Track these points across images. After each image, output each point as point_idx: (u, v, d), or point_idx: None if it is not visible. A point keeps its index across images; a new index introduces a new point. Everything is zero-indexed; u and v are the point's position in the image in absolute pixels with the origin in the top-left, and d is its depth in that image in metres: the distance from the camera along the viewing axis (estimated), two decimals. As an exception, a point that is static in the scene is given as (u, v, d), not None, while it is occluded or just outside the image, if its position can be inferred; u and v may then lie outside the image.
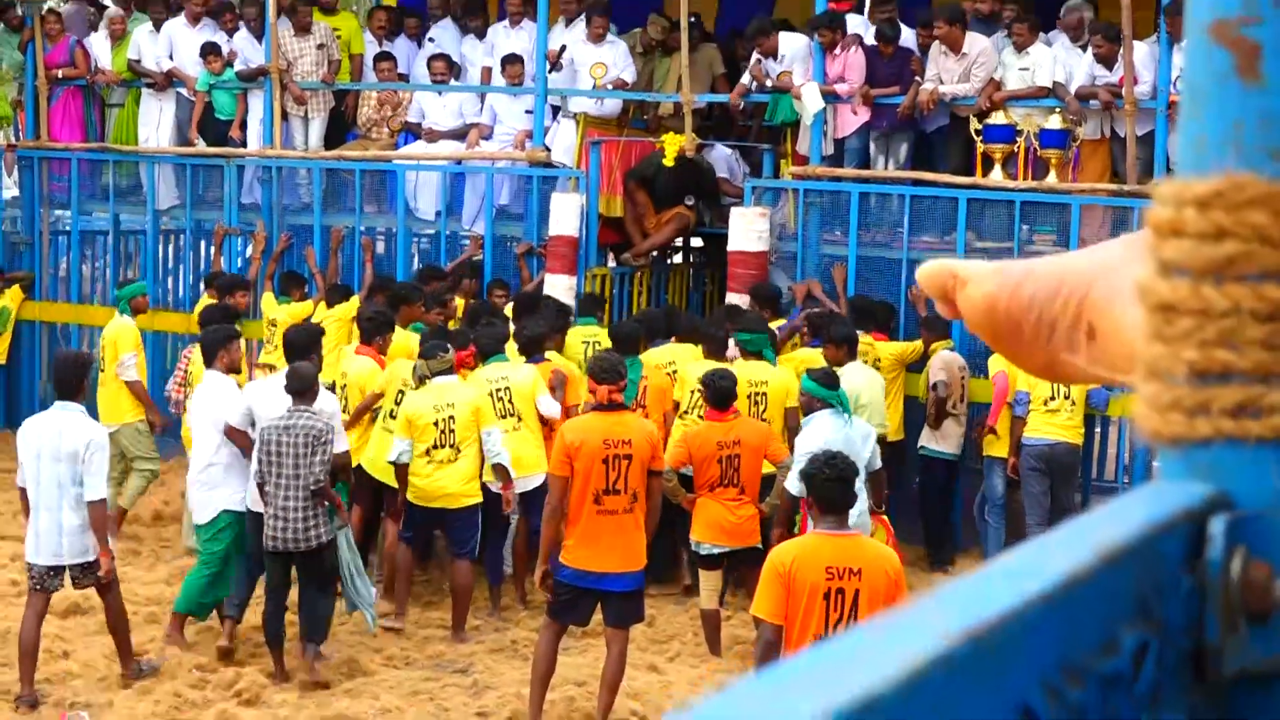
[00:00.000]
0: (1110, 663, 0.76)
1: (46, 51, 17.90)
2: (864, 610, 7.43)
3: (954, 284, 1.20)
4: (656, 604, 11.85)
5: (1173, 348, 0.96)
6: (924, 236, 14.40)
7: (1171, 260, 0.96)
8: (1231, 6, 0.94)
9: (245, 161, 17.02)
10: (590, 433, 9.56)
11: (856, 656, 0.59)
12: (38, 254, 18.18)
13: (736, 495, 10.98)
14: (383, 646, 11.29)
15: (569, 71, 16.17)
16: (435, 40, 17.49)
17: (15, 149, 18.34)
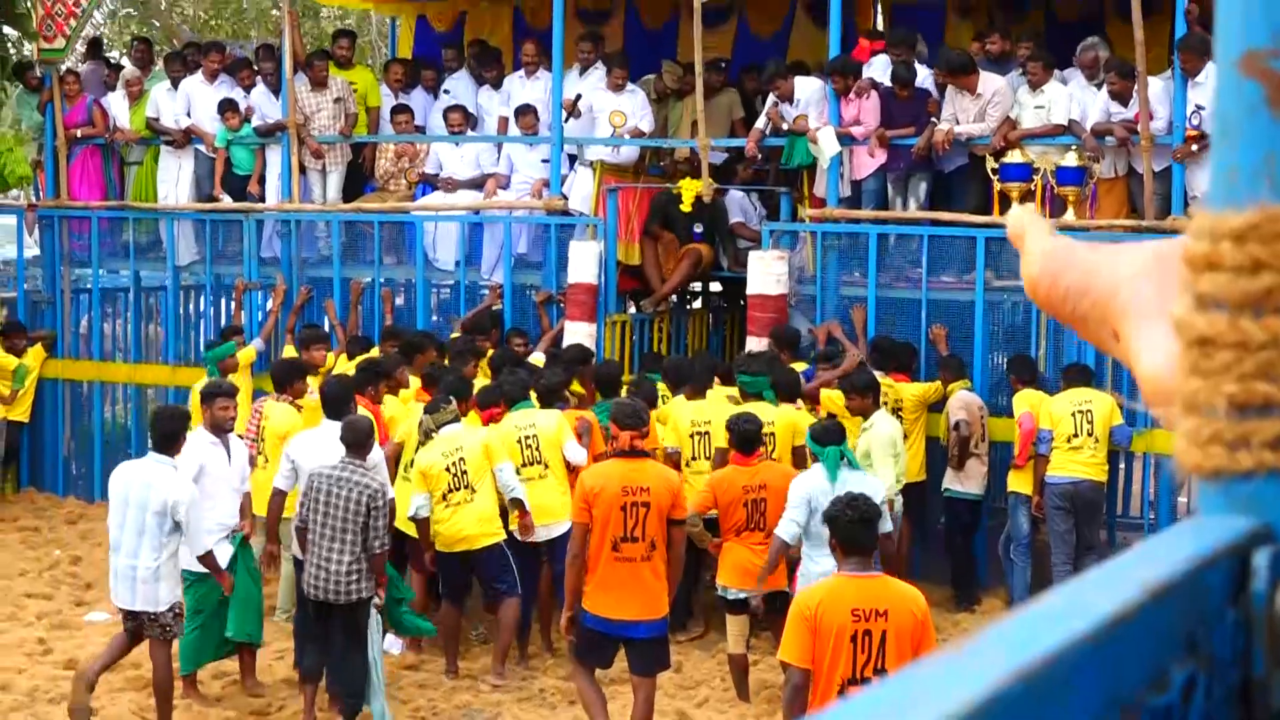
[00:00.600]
0: (1161, 698, 0.75)
1: (65, 111, 17.99)
2: (891, 652, 7.39)
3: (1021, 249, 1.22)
4: (683, 650, 11.84)
5: (1212, 381, 0.95)
6: (943, 276, 14.39)
7: (1208, 294, 0.96)
8: (1261, 39, 0.93)
9: (264, 216, 17.07)
10: (609, 479, 9.54)
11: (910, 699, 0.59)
12: (59, 312, 18.23)
13: (762, 539, 10.92)
14: (410, 698, 11.27)
15: (587, 119, 16.22)
16: (451, 92, 17.55)
17: (36, 208, 18.41)
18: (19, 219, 19.03)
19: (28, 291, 18.51)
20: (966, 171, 14.91)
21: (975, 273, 14.09)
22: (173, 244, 17.56)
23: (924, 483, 13.72)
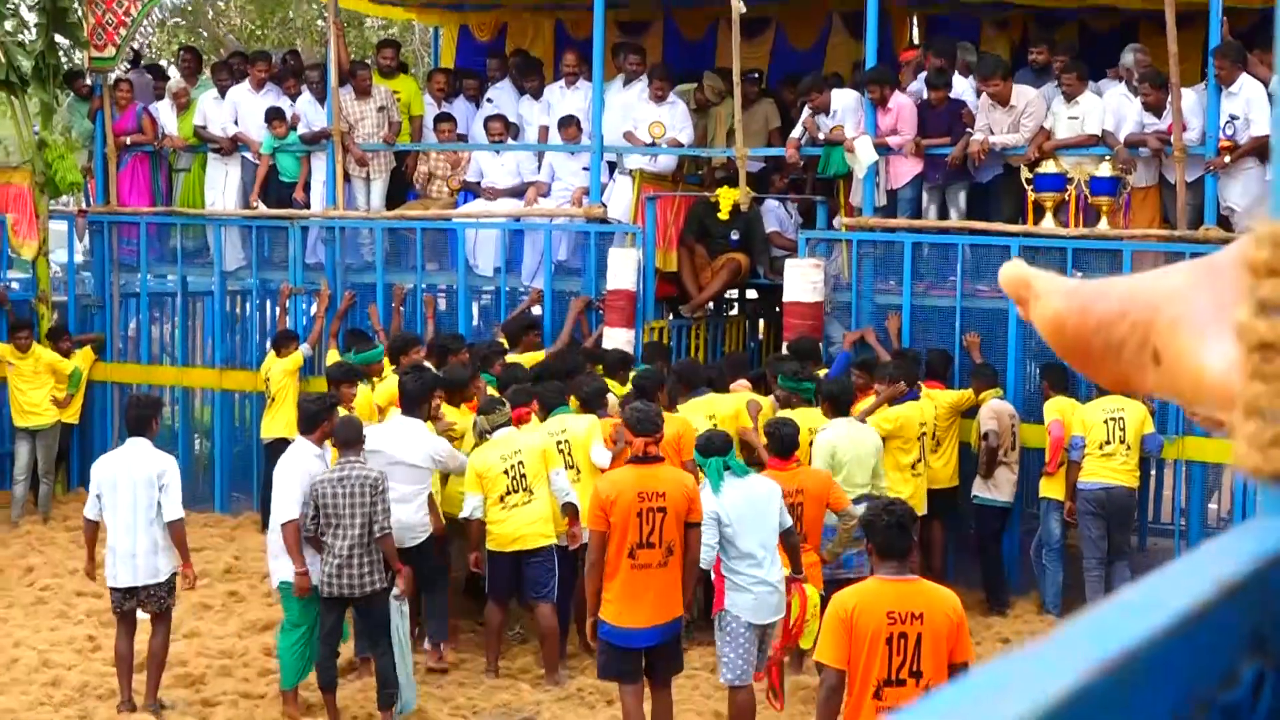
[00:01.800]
0: (1232, 694, 0.76)
1: (115, 119, 18.08)
2: (926, 653, 7.37)
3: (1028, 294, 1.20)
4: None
5: (1273, 386, 0.96)
6: (978, 285, 14.35)
7: (1270, 299, 0.96)
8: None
9: (309, 222, 17.12)
10: (624, 486, 9.50)
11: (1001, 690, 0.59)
12: (108, 316, 18.32)
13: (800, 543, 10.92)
14: (451, 696, 11.29)
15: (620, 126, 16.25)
16: (493, 101, 17.60)
17: (86, 214, 18.50)
18: (69, 224, 19.14)
19: (77, 295, 18.62)
20: (1001, 181, 14.90)
21: (1009, 281, 14.03)
22: (219, 250, 17.63)
23: (956, 488, 13.71)
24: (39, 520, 16.45)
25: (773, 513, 9.83)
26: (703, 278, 15.96)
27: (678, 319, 16.40)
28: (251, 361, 17.13)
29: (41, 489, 16.66)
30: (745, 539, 9.62)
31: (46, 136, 18.04)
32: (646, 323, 15.39)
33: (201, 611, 13.11)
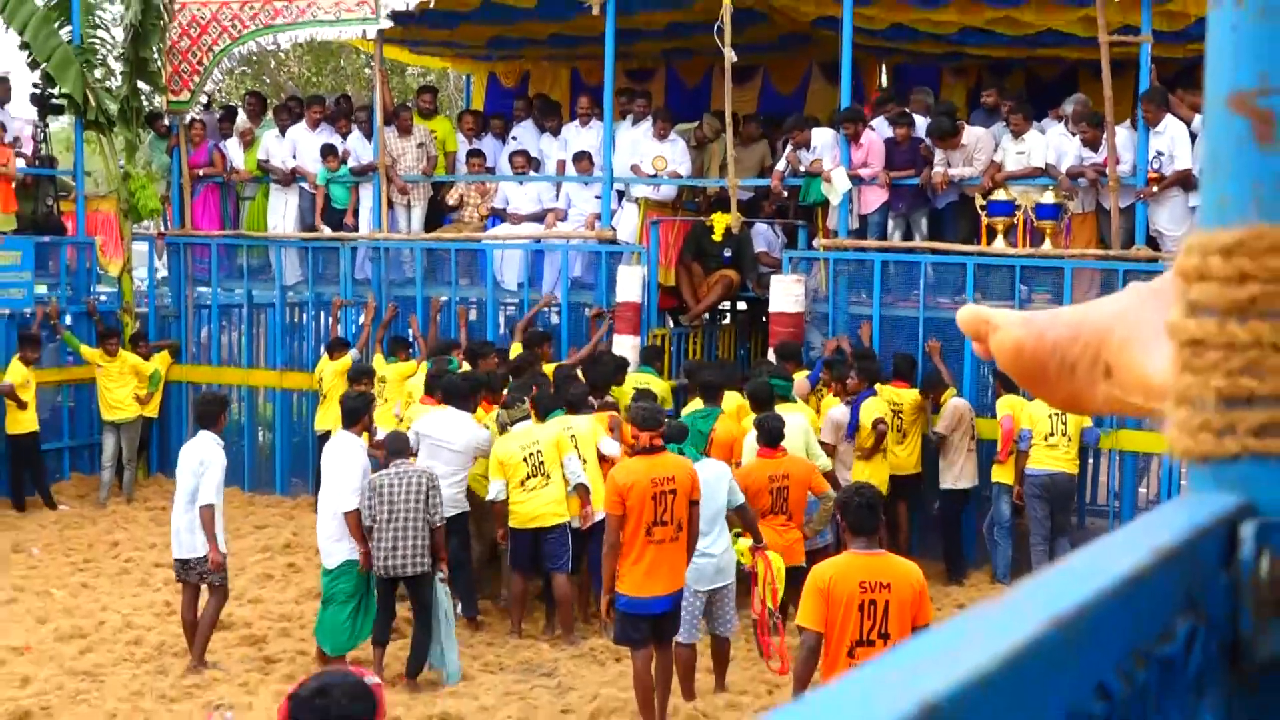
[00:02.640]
0: (1167, 648, 0.74)
1: (189, 154, 18.13)
2: (893, 618, 7.36)
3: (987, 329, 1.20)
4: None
5: (1202, 377, 0.95)
6: (938, 298, 14.38)
7: (1199, 301, 0.95)
8: (1248, 80, 0.92)
9: (357, 244, 17.14)
10: (639, 474, 9.45)
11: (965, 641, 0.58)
12: (184, 324, 18.36)
13: (785, 521, 10.94)
14: (480, 654, 11.31)
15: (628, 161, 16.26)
16: (517, 138, 17.61)
17: (165, 237, 18.55)
18: (150, 245, 19.19)
19: (157, 307, 18.66)
20: (957, 208, 14.93)
21: (965, 294, 14.05)
22: (280, 267, 17.68)
23: (920, 474, 13.71)
24: (123, 501, 16.55)
25: (720, 493, 9.89)
26: (700, 291, 15.97)
27: (678, 327, 16.44)
28: (308, 364, 17.15)
29: (125, 475, 16.73)
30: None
31: (130, 169, 18.06)
32: (651, 330, 15.42)
33: (264, 581, 13.13)
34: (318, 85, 31.80)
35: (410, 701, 10.15)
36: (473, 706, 10.05)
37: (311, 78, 33.02)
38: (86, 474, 17.27)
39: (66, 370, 17.31)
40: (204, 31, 17.89)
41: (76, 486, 17.04)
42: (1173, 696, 0.76)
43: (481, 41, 19.94)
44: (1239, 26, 0.93)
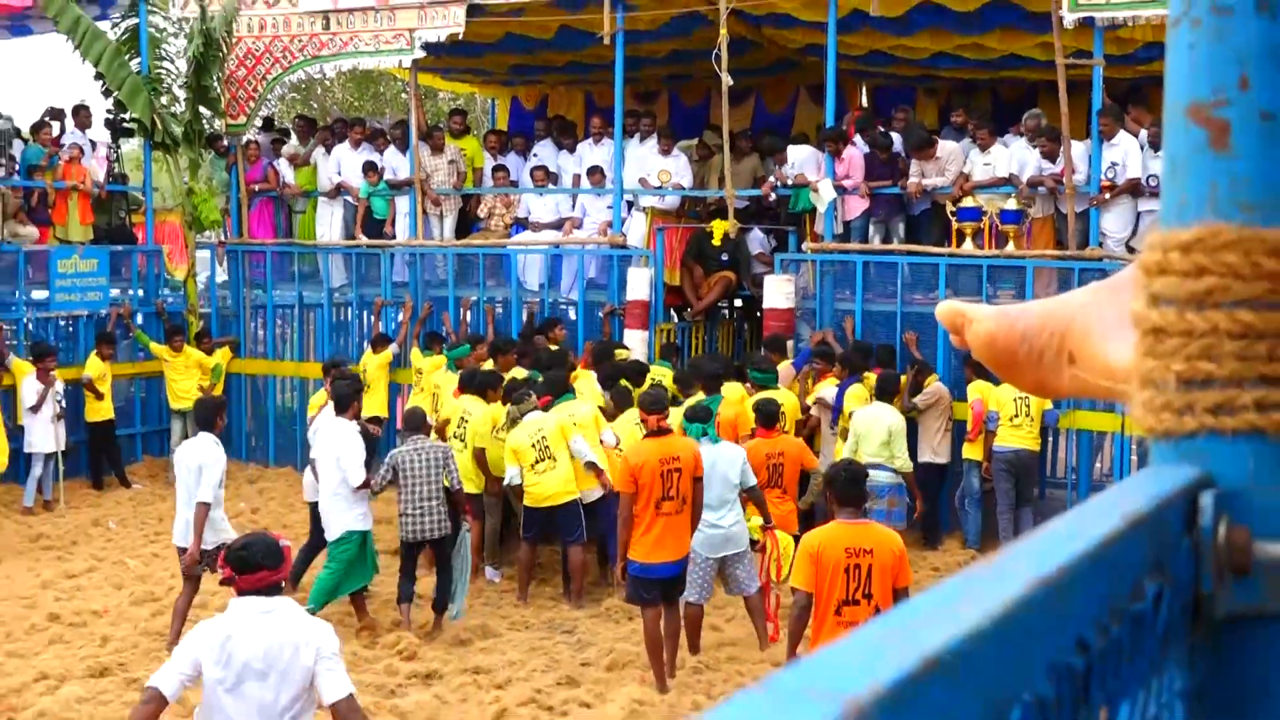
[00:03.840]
0: (1137, 606, 0.74)
1: (246, 171, 18.16)
2: (876, 580, 7.37)
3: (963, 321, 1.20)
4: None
5: (1163, 361, 0.94)
6: (914, 295, 14.38)
7: (1160, 293, 0.94)
8: (1204, 93, 0.92)
9: (396, 250, 17.15)
10: (649, 455, 9.47)
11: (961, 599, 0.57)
12: (242, 323, 18.39)
13: (780, 495, 10.93)
14: (509, 614, 11.33)
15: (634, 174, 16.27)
16: (537, 155, 17.60)
17: (225, 245, 18.57)
18: (212, 253, 19.21)
19: (219, 308, 18.69)
20: (930, 214, 14.93)
21: (938, 291, 14.04)
22: (327, 271, 17.70)
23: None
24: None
25: (734, 473, 9.86)
26: (701, 290, 15.95)
27: (682, 322, 16.43)
28: (353, 357, 17.14)
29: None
30: (707, 491, 9.67)
31: (193, 185, 18.07)
32: (658, 325, 15.43)
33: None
34: (359, 109, 31.82)
35: (446, 656, 10.16)
36: (502, 660, 10.07)
37: (354, 102, 33.03)
38: (156, 456, 17.28)
39: (138, 364, 17.36)
40: (258, 62, 17.89)
41: (148, 467, 17.06)
42: (1142, 649, 0.75)
43: (505, 69, 19.95)
44: (1196, 45, 0.93)
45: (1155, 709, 0.79)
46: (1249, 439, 0.90)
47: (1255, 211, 0.91)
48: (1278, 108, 0.90)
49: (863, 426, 12.25)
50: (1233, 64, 0.91)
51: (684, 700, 9.29)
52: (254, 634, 5.51)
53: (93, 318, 17.14)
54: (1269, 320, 0.91)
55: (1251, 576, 0.88)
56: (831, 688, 0.45)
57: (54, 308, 16.88)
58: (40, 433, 14.93)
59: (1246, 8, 0.90)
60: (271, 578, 5.68)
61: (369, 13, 16.98)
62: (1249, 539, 0.87)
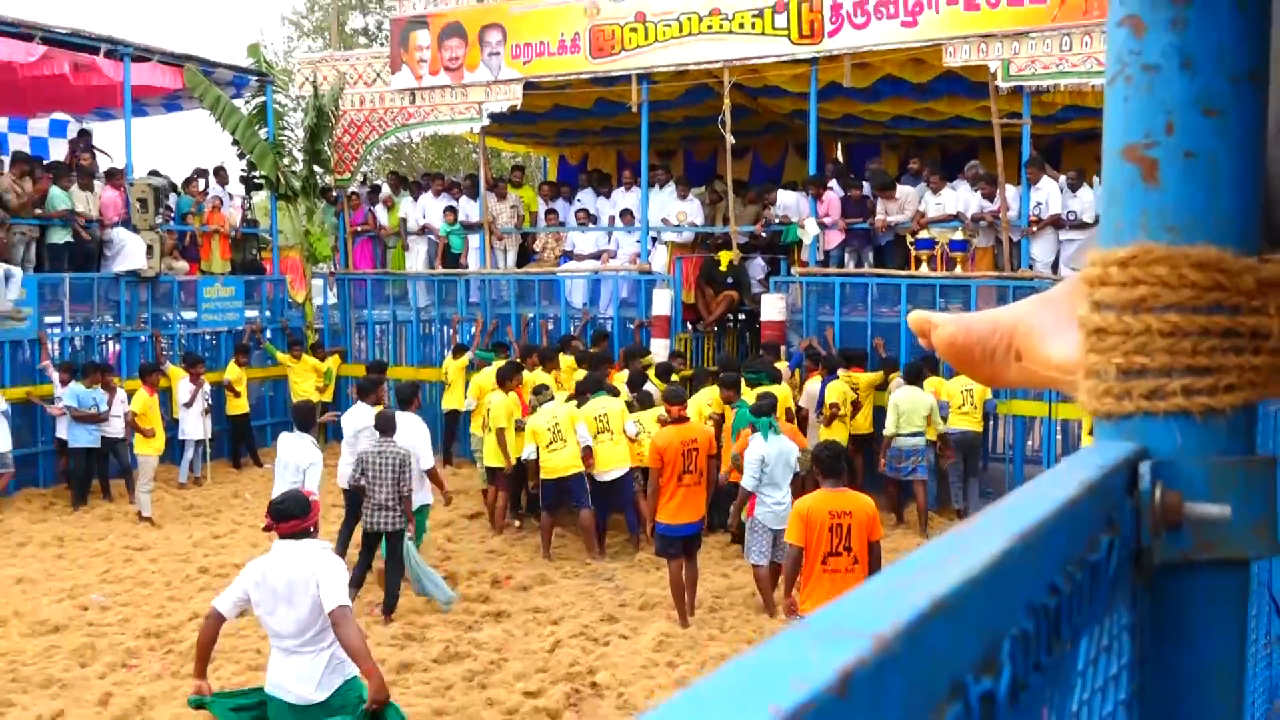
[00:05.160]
0: (1093, 556, 0.71)
1: (350, 216, 18.23)
2: (855, 536, 7.32)
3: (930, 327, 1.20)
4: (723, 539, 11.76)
5: (1104, 356, 0.92)
6: (881, 309, 14.29)
7: (1101, 300, 0.92)
8: (1137, 136, 0.90)
9: (469, 277, 17.17)
10: (671, 438, 9.46)
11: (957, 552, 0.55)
12: (348, 336, 18.44)
13: None
14: (560, 566, 11.28)
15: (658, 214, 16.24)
16: (580, 201, 17.61)
17: (334, 275, 18.65)
18: (324, 281, 19.28)
19: (330, 324, 18.75)
20: (893, 244, 14.85)
21: (900, 306, 13.97)
22: (414, 295, 17.73)
23: (871, 434, 13.60)
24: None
25: (792, 461, 9.71)
26: (711, 306, 15.93)
27: (696, 332, 16.39)
28: (435, 362, 17.20)
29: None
30: (774, 476, 9.55)
31: (310, 228, 18.16)
32: (677, 334, 15.40)
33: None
34: (439, 166, 31.89)
35: (512, 598, 10.14)
36: (556, 602, 10.05)
37: (435, 160, 33.10)
38: (282, 442, 17.35)
39: (267, 369, 17.43)
40: (359, 130, 17.96)
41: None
42: (1098, 591, 0.73)
43: (554, 133, 19.97)
44: (1129, 98, 0.91)
45: (1108, 640, 0.77)
46: (1177, 419, 0.88)
47: (1179, 233, 0.89)
48: (1198, 148, 0.88)
49: (906, 406, 12.36)
50: (1160, 113, 0.89)
51: (701, 633, 9.26)
52: (283, 568, 5.67)
53: (231, 333, 17.21)
54: (1192, 321, 0.89)
55: (1182, 531, 0.86)
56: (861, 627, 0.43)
57: (201, 325, 16.97)
58: (191, 424, 15.01)
59: (1172, 66, 0.88)
60: (301, 524, 5.77)
61: (446, 90, 17.02)
62: (1180, 500, 0.85)
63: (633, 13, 15.47)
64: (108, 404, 13.75)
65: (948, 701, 0.47)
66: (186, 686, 7.99)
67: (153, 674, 8.33)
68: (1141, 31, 0.89)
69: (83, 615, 9.60)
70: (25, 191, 14.93)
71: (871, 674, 0.41)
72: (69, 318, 15.23)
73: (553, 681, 8.13)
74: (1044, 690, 0.61)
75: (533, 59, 16.25)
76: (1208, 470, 0.86)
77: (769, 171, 19.07)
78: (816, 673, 0.38)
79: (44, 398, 14.14)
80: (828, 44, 14.33)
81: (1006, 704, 0.52)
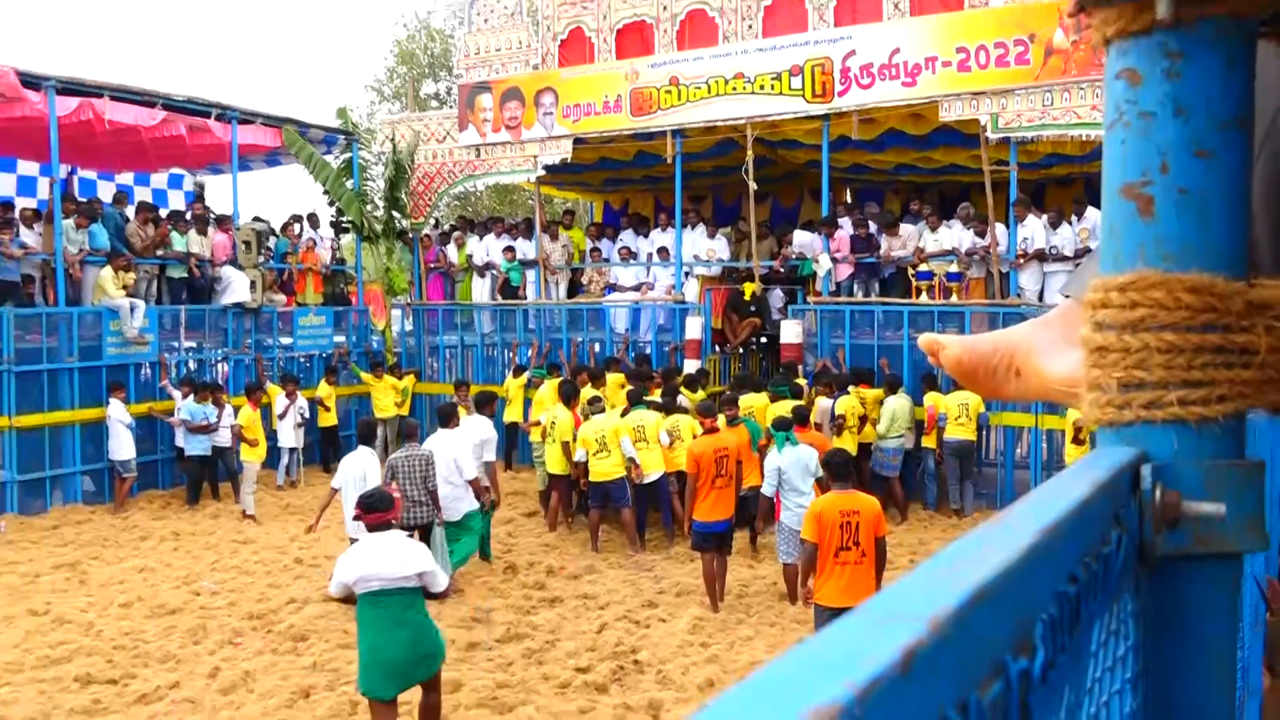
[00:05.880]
0: (1105, 549, 0.69)
1: (424, 255, 18.34)
2: (862, 533, 7.23)
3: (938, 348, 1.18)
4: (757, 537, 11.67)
5: (1106, 371, 0.90)
6: (885, 333, 14.18)
7: (1102, 321, 0.90)
8: (1134, 175, 0.88)
9: (526, 307, 17.22)
10: (706, 446, 9.40)
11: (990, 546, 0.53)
12: (422, 358, 18.53)
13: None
14: (606, 556, 11.23)
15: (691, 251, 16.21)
16: (622, 240, 17.63)
17: (411, 305, 18.75)
18: (402, 311, 19.39)
19: (406, 348, 18.85)
20: (896, 276, 14.74)
21: (903, 331, 13.86)
22: (479, 322, 17.78)
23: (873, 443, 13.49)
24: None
25: (811, 468, 9.48)
26: (737, 331, 15.88)
27: (723, 353, 16.34)
28: (498, 381, 17.24)
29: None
30: (793, 482, 9.46)
31: (389, 265, 18.29)
32: (707, 356, 15.34)
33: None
34: (500, 210, 32.07)
35: (565, 586, 10.11)
36: (603, 589, 10.00)
37: (496, 206, 33.30)
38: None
39: (353, 387, 17.53)
40: (432, 180, 18.10)
41: (360, 458, 17.17)
42: (1109, 581, 0.70)
43: (599, 181, 20.03)
44: (1126, 141, 0.89)
45: (1116, 624, 0.74)
46: (1175, 426, 0.86)
47: (1174, 260, 0.87)
48: (1191, 185, 0.86)
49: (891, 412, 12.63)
50: (1155, 154, 0.87)
51: (730, 618, 9.18)
52: (375, 554, 5.93)
53: (322, 356, 17.34)
54: (1187, 339, 0.86)
55: (1180, 527, 0.83)
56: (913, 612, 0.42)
57: (296, 349, 17.11)
58: (287, 434, 15.12)
59: (1166, 113, 0.86)
60: (384, 517, 6.03)
61: (506, 145, 17.13)
62: (1179, 499, 0.83)
63: (668, 77, 15.52)
64: (217, 417, 13.90)
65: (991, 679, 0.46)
66: (285, 662, 8.04)
67: (255, 651, 8.37)
68: (1138, 82, 0.87)
69: (195, 600, 9.68)
70: (148, 235, 15.18)
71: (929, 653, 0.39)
72: (184, 343, 15.43)
73: (600, 659, 8.09)
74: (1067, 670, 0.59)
75: (581, 118, 16.33)
76: (1203, 473, 0.84)
77: (787, 213, 19.03)
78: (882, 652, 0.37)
79: (165, 412, 14.34)
80: (838, 102, 14.30)
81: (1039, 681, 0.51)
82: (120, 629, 8.79)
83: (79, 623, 8.96)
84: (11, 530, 12.49)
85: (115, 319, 14.16)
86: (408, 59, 35.04)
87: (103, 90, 14.69)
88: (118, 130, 15.22)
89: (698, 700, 7.33)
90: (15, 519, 12.89)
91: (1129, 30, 0.87)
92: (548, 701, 7.27)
